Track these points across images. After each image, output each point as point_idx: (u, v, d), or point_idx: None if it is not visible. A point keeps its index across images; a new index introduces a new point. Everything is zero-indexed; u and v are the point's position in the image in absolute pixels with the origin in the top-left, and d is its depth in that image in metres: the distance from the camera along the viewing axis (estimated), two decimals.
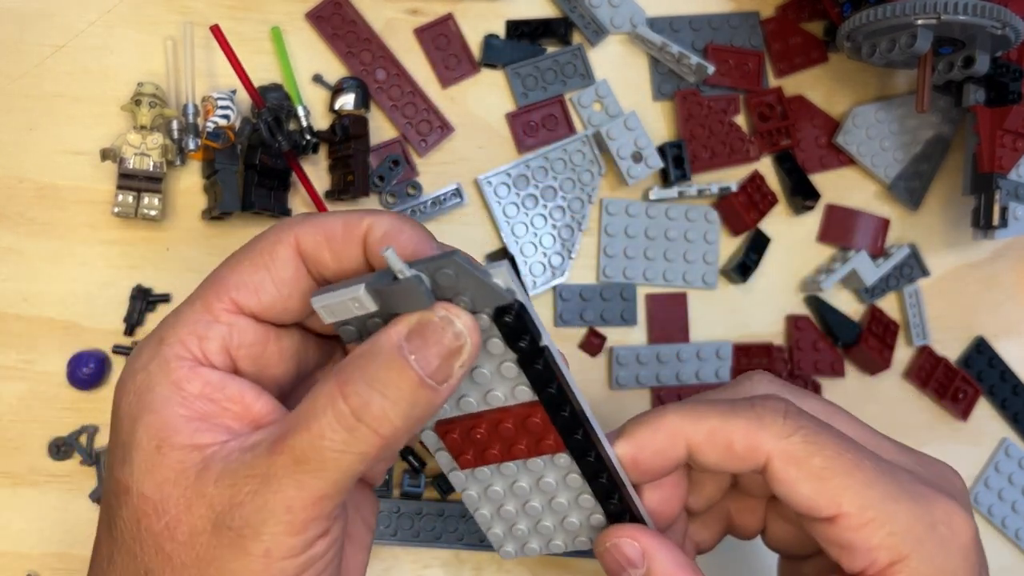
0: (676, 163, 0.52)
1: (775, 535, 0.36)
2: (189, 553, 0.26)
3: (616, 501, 0.32)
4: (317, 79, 0.50)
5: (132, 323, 0.48)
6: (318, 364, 0.33)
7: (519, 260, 0.51)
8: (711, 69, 0.51)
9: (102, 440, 0.49)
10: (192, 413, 0.27)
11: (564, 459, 0.32)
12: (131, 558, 0.27)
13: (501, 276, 0.27)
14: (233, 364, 0.29)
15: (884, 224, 0.55)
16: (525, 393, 0.30)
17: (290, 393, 0.32)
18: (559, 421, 0.30)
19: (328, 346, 0.33)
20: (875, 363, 0.54)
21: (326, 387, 0.26)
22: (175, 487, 0.26)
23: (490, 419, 0.31)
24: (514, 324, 0.27)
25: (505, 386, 0.30)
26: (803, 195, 0.53)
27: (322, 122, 0.50)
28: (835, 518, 0.29)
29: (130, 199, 0.47)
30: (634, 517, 0.33)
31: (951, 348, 0.57)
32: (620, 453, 0.31)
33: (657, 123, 0.54)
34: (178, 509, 0.26)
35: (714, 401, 0.32)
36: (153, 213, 0.47)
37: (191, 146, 0.48)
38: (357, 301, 0.27)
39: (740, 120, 0.54)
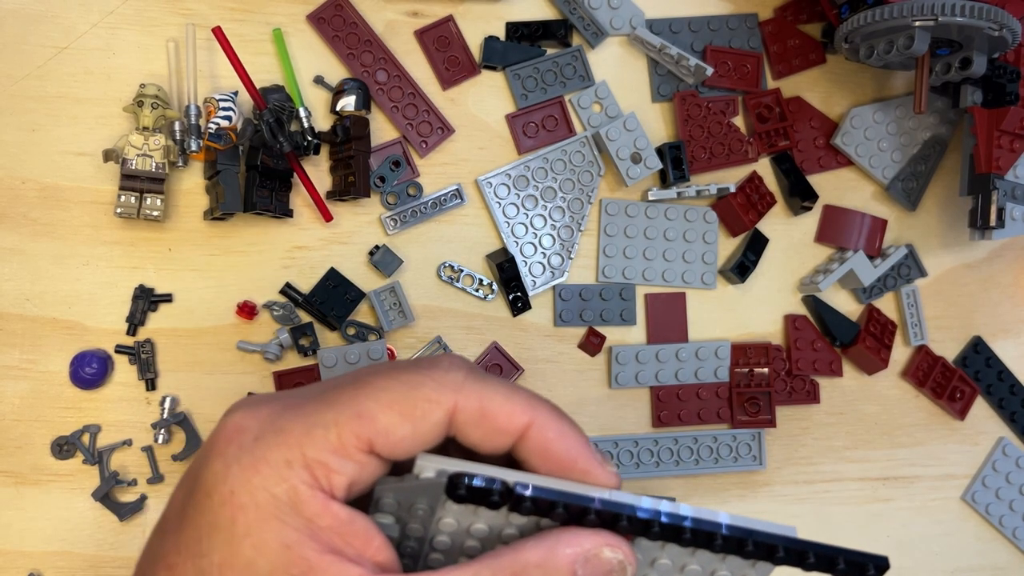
0: (675, 164, 0.53)
1: None
2: None
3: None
4: (318, 80, 0.50)
5: (135, 323, 0.49)
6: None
7: (519, 260, 0.52)
8: (710, 71, 0.51)
9: (104, 440, 0.49)
10: (323, 547, 0.27)
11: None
12: None
13: (428, 468, 0.28)
14: (347, 496, 0.29)
15: (882, 225, 0.56)
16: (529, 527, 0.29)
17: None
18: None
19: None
20: (873, 363, 0.55)
21: None
22: None
23: None
24: (470, 492, 0.27)
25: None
26: (801, 196, 0.54)
27: (323, 123, 0.51)
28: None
29: (132, 200, 0.47)
30: None
31: (948, 348, 0.57)
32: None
33: (656, 124, 0.54)
34: None
35: None
36: (155, 214, 0.47)
37: (193, 147, 0.48)
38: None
39: (738, 121, 0.54)
